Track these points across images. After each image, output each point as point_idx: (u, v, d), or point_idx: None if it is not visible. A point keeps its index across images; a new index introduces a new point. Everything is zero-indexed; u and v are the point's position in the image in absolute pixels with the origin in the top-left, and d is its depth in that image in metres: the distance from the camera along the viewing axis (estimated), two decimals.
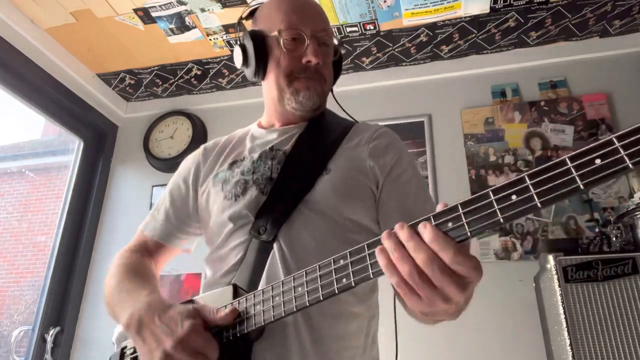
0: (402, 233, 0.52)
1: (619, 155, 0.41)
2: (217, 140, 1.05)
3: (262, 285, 0.76)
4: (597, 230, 1.67)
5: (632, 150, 0.40)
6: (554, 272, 1.39)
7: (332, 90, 1.04)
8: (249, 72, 0.98)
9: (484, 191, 0.50)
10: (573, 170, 0.43)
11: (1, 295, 2.36)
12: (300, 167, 0.89)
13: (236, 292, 0.74)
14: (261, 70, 0.96)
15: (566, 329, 1.33)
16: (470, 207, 0.50)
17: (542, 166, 0.46)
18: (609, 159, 0.41)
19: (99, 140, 2.47)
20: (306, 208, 0.83)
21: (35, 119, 2.28)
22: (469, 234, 0.49)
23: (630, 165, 0.40)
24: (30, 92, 2.07)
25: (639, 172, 1.60)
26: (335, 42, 1.03)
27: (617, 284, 1.33)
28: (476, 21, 1.99)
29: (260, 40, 0.95)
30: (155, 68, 2.30)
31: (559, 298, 1.36)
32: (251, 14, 1.03)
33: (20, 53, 1.95)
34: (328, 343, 0.76)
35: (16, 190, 2.62)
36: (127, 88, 2.46)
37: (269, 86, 0.97)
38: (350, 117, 1.08)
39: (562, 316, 1.34)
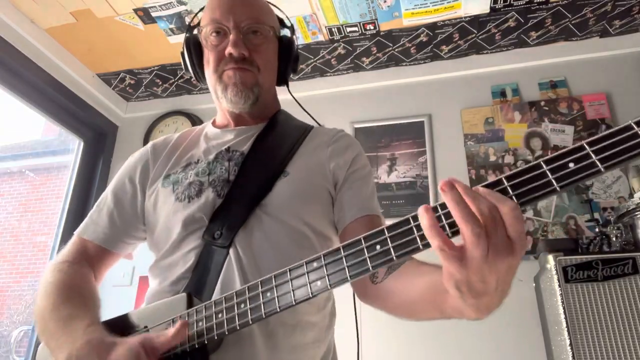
0: (457, 188, 0.48)
1: (590, 160, 0.45)
2: (168, 137, 1.00)
3: (217, 293, 0.73)
4: (597, 230, 1.67)
5: (603, 155, 0.45)
6: (554, 272, 1.39)
7: (287, 84, 1.00)
8: (193, 78, 0.96)
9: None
10: (549, 173, 0.46)
11: (1, 295, 2.36)
12: (258, 169, 0.85)
13: (190, 302, 0.70)
14: (198, 73, 0.94)
15: (566, 329, 1.33)
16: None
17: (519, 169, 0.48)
18: (582, 164, 0.45)
19: (99, 140, 2.47)
20: (263, 212, 0.80)
21: (35, 119, 2.28)
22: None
23: (602, 169, 0.44)
24: (30, 92, 2.06)
25: (639, 172, 1.60)
26: (285, 30, 0.98)
27: (617, 284, 1.33)
28: (476, 21, 1.99)
29: (193, 44, 0.93)
30: (155, 68, 2.30)
31: (559, 298, 1.36)
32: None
33: (20, 53, 1.95)
34: (285, 354, 0.74)
35: (16, 190, 2.62)
36: (127, 88, 2.47)
37: (210, 88, 0.94)
38: (313, 118, 1.06)
39: (562, 316, 1.34)
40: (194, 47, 0.94)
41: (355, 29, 2.03)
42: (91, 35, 2.08)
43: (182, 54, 0.96)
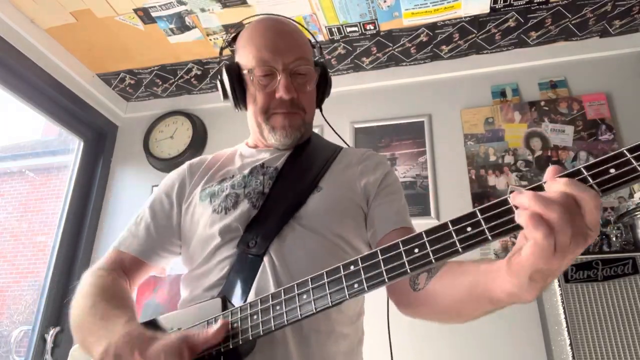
0: (531, 194, 0.48)
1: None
2: (203, 157, 1.03)
3: (251, 299, 0.73)
4: None
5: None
6: None
7: (321, 109, 1.05)
8: (231, 105, 0.98)
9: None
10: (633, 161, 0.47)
11: (1, 295, 2.36)
12: (292, 183, 0.88)
13: (225, 305, 0.71)
14: (240, 104, 0.97)
15: (566, 329, 1.33)
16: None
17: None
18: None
19: (99, 140, 2.47)
20: (297, 224, 0.82)
21: (35, 119, 2.28)
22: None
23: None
24: (30, 92, 2.06)
25: None
26: (316, 58, 1.02)
27: (617, 284, 1.33)
28: (476, 21, 1.99)
29: (236, 75, 0.95)
30: (155, 68, 2.30)
31: (559, 298, 1.36)
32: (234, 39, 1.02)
33: (20, 53, 1.95)
34: None
35: (16, 190, 2.62)
36: (127, 88, 2.47)
37: (250, 118, 0.98)
38: (342, 139, 1.10)
39: (562, 316, 1.34)
40: (239, 79, 0.95)
41: (355, 29, 2.03)
42: (91, 35, 2.08)
43: (222, 82, 0.97)
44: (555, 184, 0.48)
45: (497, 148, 2.02)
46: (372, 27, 2.02)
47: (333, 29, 2.03)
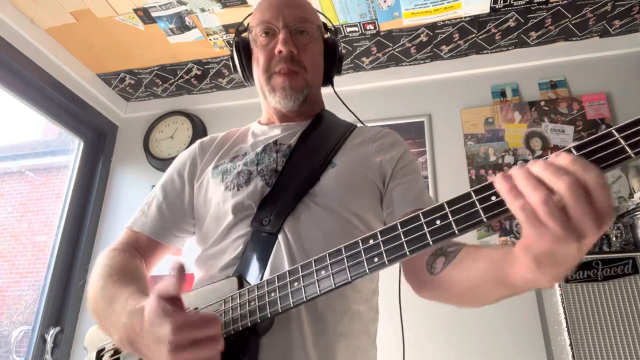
0: (537, 164, 0.47)
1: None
2: (214, 135, 1.02)
3: (266, 277, 0.72)
4: None
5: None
6: None
7: (332, 84, 1.04)
8: (242, 78, 1.00)
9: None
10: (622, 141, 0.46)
11: (1, 295, 2.36)
12: (305, 160, 0.87)
13: (241, 284, 0.70)
14: (247, 73, 0.97)
15: (566, 329, 1.33)
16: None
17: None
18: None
19: (99, 140, 2.47)
20: (311, 201, 0.81)
21: (35, 119, 2.28)
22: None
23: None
24: (30, 92, 2.06)
25: (639, 172, 1.60)
26: (327, 33, 1.01)
27: (617, 284, 1.33)
28: (476, 21, 1.99)
29: (244, 45, 0.97)
30: (155, 68, 2.30)
31: (559, 298, 1.36)
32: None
33: (20, 53, 1.95)
34: (332, 341, 0.74)
35: (16, 190, 2.62)
36: (127, 88, 2.47)
37: (257, 87, 0.98)
38: (354, 114, 1.09)
39: (562, 316, 1.34)
40: (243, 49, 0.97)
41: (355, 29, 2.03)
42: (91, 35, 2.08)
43: (232, 55, 0.99)
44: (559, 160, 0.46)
45: (497, 148, 2.02)
46: (372, 27, 2.02)
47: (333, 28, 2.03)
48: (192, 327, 0.60)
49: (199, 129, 2.37)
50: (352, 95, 2.28)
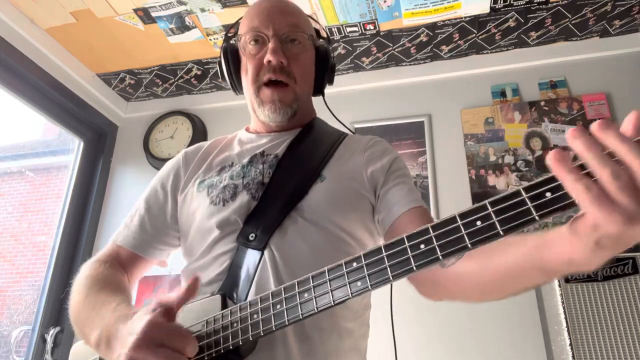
0: (609, 131, 0.40)
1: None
2: (200, 144, 1.00)
3: (251, 295, 0.71)
4: None
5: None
6: None
7: (323, 94, 1.01)
8: (230, 87, 0.97)
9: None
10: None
11: (1, 295, 2.36)
12: (293, 172, 0.84)
13: (225, 303, 0.69)
14: (235, 83, 0.95)
15: (566, 329, 1.33)
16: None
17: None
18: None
19: (99, 140, 2.47)
20: (299, 215, 0.79)
21: (35, 119, 2.28)
22: None
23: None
24: (30, 92, 2.06)
25: None
26: (321, 39, 0.99)
27: (617, 284, 1.33)
28: (476, 21, 1.99)
29: (232, 52, 0.94)
30: (155, 68, 2.30)
31: (559, 298, 1.36)
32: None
33: (20, 53, 1.95)
34: (320, 359, 0.72)
35: (16, 190, 2.62)
36: (127, 88, 2.47)
37: (246, 96, 0.95)
38: (346, 127, 1.07)
39: (562, 316, 1.34)
40: (232, 56, 0.94)
41: (355, 29, 2.03)
42: (91, 35, 2.08)
43: (219, 62, 0.96)
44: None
45: (497, 148, 2.02)
46: (372, 27, 2.02)
47: (333, 29, 2.03)
48: (167, 331, 0.60)
49: (199, 129, 2.37)
50: (352, 95, 2.29)
